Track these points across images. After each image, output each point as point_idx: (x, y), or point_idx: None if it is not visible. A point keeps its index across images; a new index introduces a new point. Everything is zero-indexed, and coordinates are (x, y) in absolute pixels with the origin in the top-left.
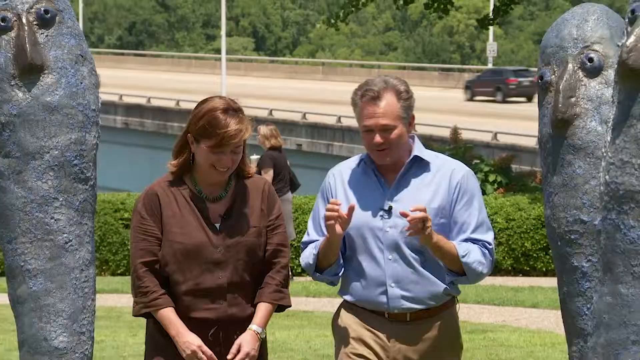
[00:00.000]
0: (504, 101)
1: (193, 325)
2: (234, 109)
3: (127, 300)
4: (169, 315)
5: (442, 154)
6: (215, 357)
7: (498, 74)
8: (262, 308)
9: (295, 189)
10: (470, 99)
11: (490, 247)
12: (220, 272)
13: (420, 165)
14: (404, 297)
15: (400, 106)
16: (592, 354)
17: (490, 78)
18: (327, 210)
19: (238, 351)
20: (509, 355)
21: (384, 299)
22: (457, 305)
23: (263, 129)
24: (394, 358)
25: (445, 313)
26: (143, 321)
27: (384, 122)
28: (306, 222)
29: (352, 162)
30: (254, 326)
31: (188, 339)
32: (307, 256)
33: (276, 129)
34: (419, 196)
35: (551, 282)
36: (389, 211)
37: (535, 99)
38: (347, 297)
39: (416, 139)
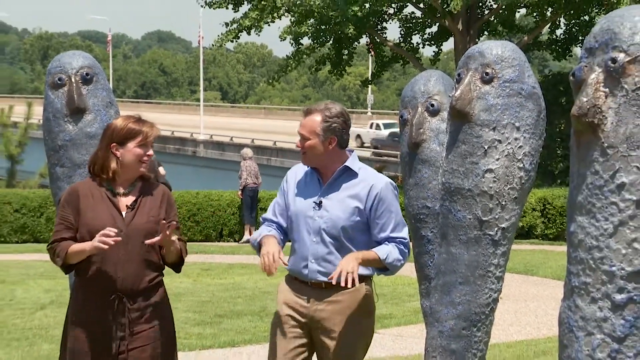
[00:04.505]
0: None
1: (96, 293)
2: (139, 118)
3: None
4: (72, 246)
5: (371, 168)
6: (115, 230)
7: None
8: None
9: None
10: None
11: (406, 241)
12: (121, 251)
13: (349, 174)
14: (319, 272)
15: (320, 125)
16: (434, 291)
17: None
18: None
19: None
20: (381, 291)
21: (305, 271)
22: (372, 282)
23: None
24: (312, 316)
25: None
26: None
27: (300, 132)
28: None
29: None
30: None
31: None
32: (256, 238)
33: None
34: (343, 196)
35: None
36: (320, 204)
37: None
38: (287, 267)
39: (353, 154)
